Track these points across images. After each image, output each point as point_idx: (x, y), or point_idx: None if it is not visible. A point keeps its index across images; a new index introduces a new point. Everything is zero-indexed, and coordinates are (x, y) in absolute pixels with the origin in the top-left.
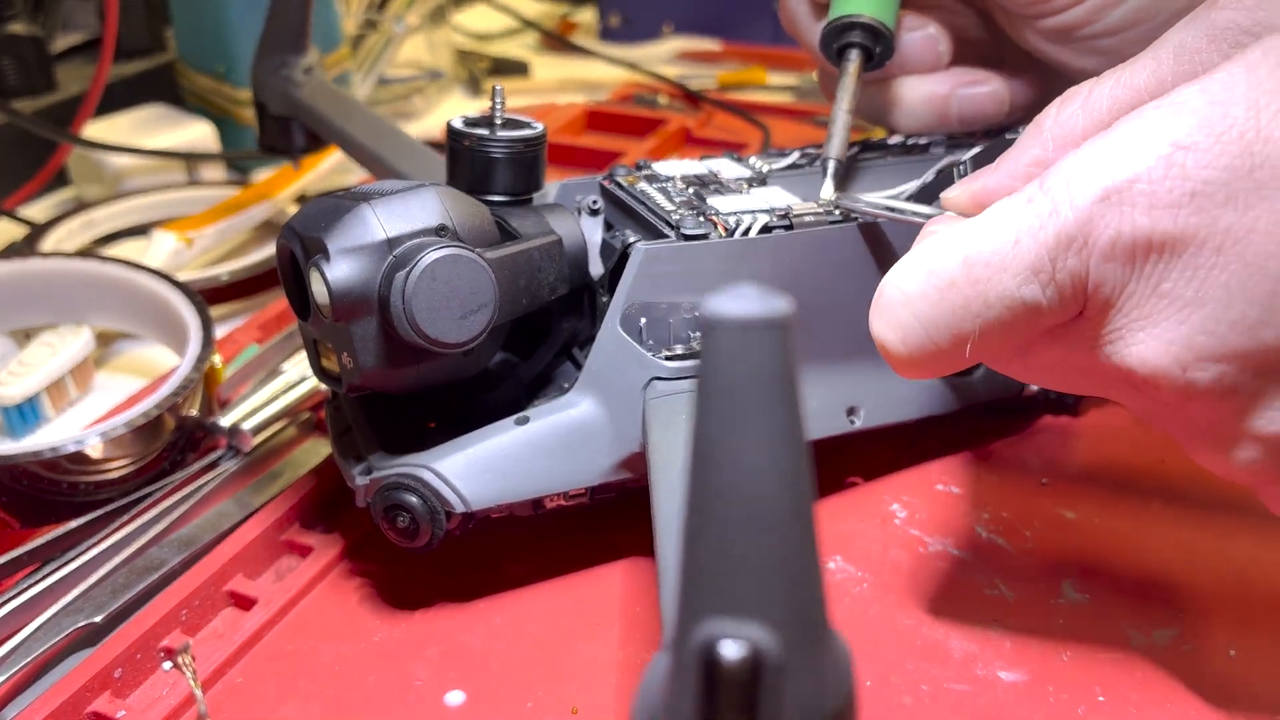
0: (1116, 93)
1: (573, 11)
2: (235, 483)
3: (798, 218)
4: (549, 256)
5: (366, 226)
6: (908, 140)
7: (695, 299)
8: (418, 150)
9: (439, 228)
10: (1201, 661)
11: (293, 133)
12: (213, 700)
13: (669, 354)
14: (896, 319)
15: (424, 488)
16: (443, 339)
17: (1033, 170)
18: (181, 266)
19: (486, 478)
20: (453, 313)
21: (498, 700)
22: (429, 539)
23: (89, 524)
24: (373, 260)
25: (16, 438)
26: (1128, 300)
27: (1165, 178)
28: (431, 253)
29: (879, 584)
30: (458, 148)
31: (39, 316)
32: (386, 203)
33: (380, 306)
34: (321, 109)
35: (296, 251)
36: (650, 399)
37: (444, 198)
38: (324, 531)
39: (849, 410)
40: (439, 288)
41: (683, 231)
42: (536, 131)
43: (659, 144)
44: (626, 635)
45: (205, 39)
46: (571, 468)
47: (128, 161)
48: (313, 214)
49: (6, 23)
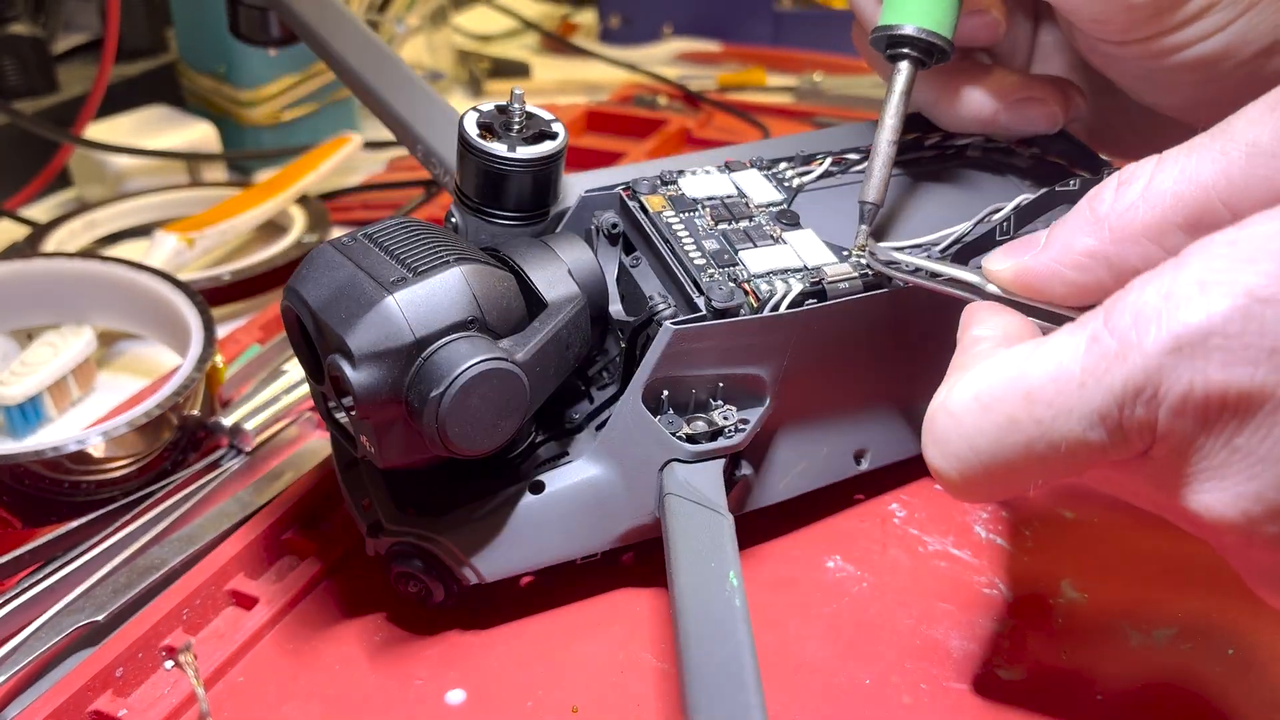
0: (1181, 188)
1: (573, 13)
2: (236, 482)
3: (831, 284)
4: (576, 328)
5: (393, 327)
6: (944, 142)
7: (720, 370)
8: (413, 84)
9: (468, 320)
10: (1201, 661)
11: (269, 23)
12: (214, 699)
13: (689, 432)
14: (953, 452)
15: (436, 561)
16: (473, 449)
17: (1085, 261)
18: (183, 267)
19: (500, 550)
20: (485, 424)
21: (498, 699)
22: (441, 602)
23: (91, 523)
24: (400, 364)
25: (18, 437)
26: (1197, 453)
27: (1243, 333)
28: (466, 371)
29: (879, 584)
30: (469, 157)
31: (41, 316)
32: (412, 294)
33: (408, 411)
34: (304, 11)
35: (307, 324)
36: (669, 492)
37: (471, 282)
38: (325, 531)
39: (857, 454)
40: (473, 403)
41: (714, 305)
42: (555, 147)
43: (659, 145)
44: (626, 635)
45: (206, 40)
46: (585, 535)
47: (129, 162)
48: (326, 289)
49: (8, 23)
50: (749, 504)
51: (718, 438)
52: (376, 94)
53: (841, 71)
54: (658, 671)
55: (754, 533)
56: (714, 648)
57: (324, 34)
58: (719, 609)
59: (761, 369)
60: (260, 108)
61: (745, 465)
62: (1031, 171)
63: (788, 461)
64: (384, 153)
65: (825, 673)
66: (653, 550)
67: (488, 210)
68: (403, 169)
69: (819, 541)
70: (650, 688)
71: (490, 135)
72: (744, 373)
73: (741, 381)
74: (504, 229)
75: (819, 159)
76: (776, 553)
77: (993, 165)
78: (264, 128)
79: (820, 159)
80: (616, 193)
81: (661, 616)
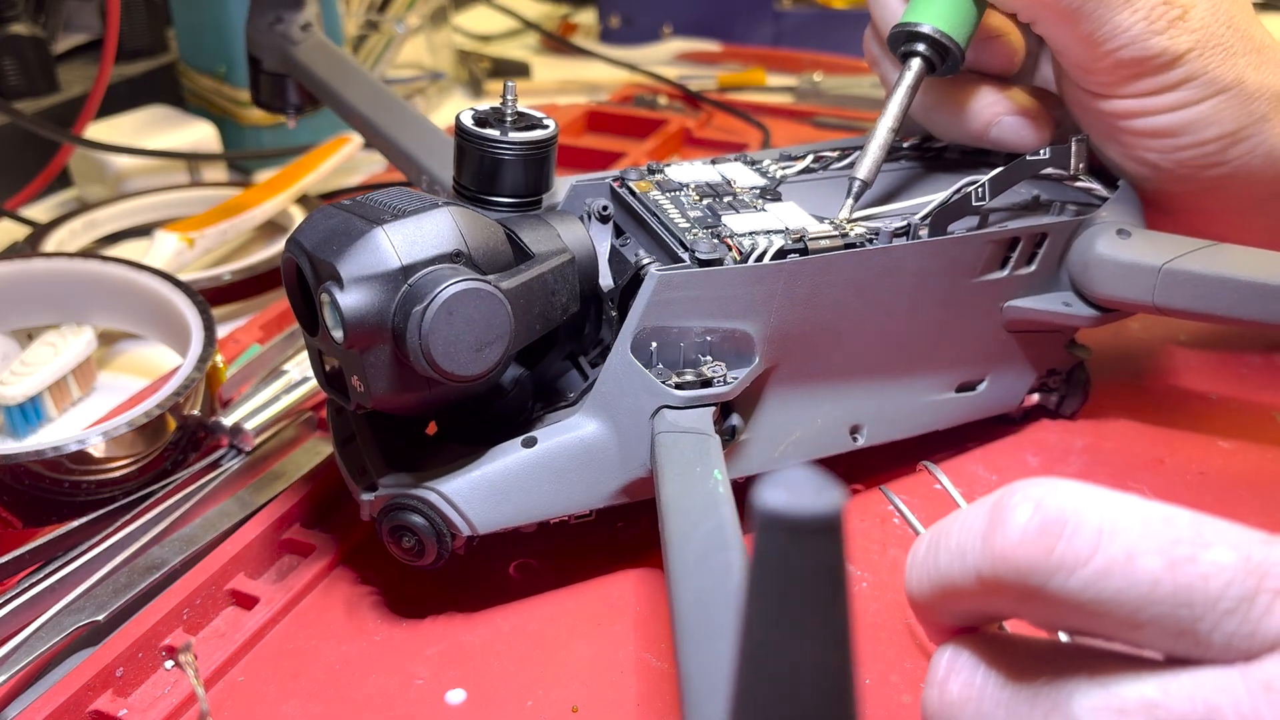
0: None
1: (573, 13)
2: (237, 482)
3: (812, 240)
4: (562, 278)
5: (381, 253)
6: (923, 143)
7: (707, 323)
8: (417, 121)
9: (454, 253)
10: None
11: (287, 90)
12: (214, 699)
13: (679, 381)
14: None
15: (430, 510)
16: (458, 373)
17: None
18: (183, 267)
19: (493, 501)
20: (468, 346)
21: (498, 699)
22: (434, 559)
23: (91, 523)
24: (387, 289)
25: (19, 437)
26: None
27: None
28: (449, 288)
29: (879, 583)
30: (466, 146)
31: (41, 316)
32: (400, 226)
33: (394, 338)
34: (318, 70)
35: (305, 269)
36: (659, 432)
37: (458, 220)
38: (325, 530)
39: (852, 429)
40: (455, 322)
41: (698, 256)
42: (547, 134)
43: (659, 144)
44: (627, 635)
45: (206, 40)
46: (578, 490)
47: (130, 162)
48: (322, 232)
49: (9, 23)
50: (743, 467)
51: (708, 386)
52: (385, 134)
53: (841, 71)
54: (658, 671)
55: None
56: (699, 528)
57: (337, 87)
58: (703, 497)
59: (748, 324)
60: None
61: (736, 417)
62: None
63: (781, 428)
64: None
65: None
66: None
67: (484, 197)
68: None
69: None
70: (650, 688)
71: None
72: (731, 328)
73: (730, 339)
74: (500, 216)
75: (801, 156)
76: None
77: (970, 165)
78: (264, 128)
79: (802, 156)
80: (607, 183)
81: (662, 617)
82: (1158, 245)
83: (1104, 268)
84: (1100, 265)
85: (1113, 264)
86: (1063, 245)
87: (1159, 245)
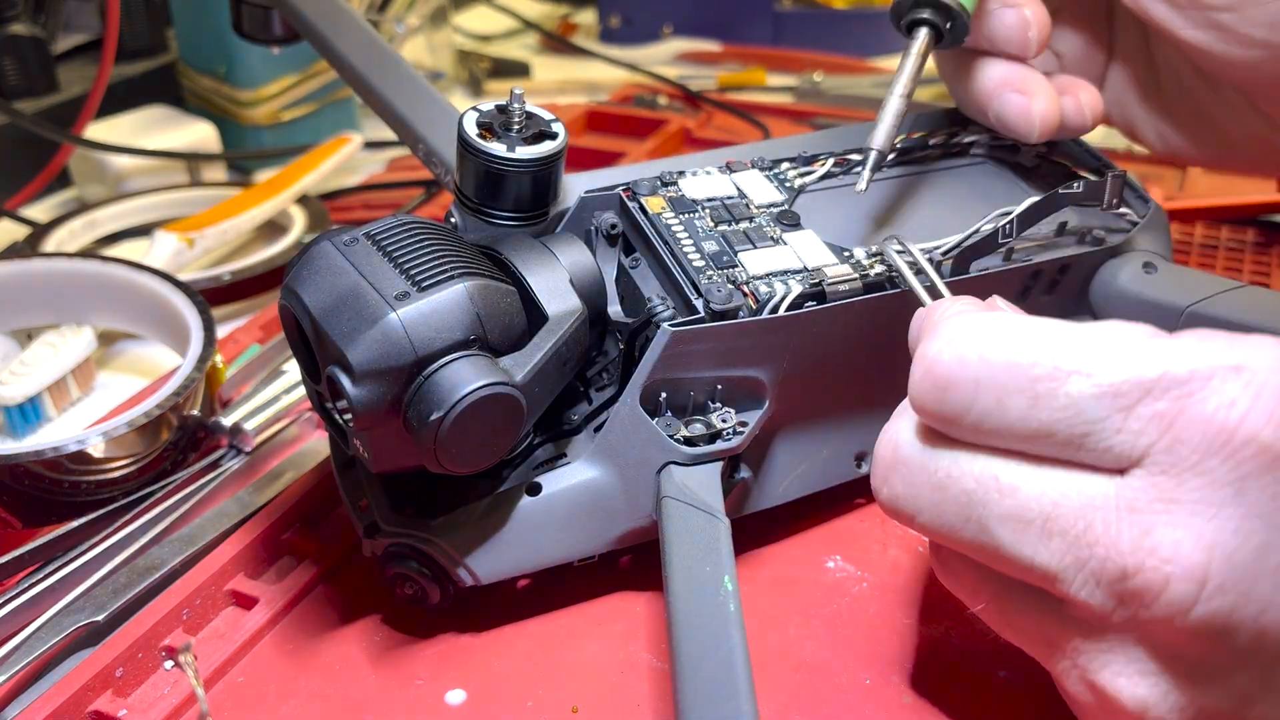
0: None
1: (573, 13)
2: (236, 482)
3: (830, 286)
4: (574, 342)
5: (395, 346)
6: (949, 141)
7: (719, 373)
8: (415, 84)
9: (470, 340)
10: None
11: (272, 21)
12: (214, 699)
13: (687, 436)
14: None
15: (433, 563)
16: (468, 468)
17: None
18: (183, 267)
19: (497, 552)
20: (480, 441)
21: (498, 699)
22: (436, 604)
23: (90, 523)
24: (399, 382)
25: (18, 437)
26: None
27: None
28: (468, 397)
29: (879, 584)
30: (469, 157)
31: (41, 316)
32: (416, 312)
33: (405, 427)
34: (307, 9)
35: (305, 327)
36: (666, 495)
37: (475, 299)
38: (325, 531)
39: (858, 457)
40: (470, 425)
41: (712, 307)
42: (555, 148)
43: (659, 145)
44: (626, 635)
45: (206, 40)
46: (582, 538)
47: (129, 162)
48: (327, 295)
49: (8, 23)
50: (748, 507)
51: (716, 440)
52: (379, 93)
53: (841, 71)
54: (658, 671)
55: (754, 533)
56: (707, 653)
57: (327, 33)
58: (713, 614)
59: (760, 371)
60: (260, 108)
61: (744, 469)
62: (1035, 172)
63: (787, 464)
64: (384, 153)
65: (825, 673)
66: (652, 552)
67: (487, 210)
68: (403, 169)
69: (819, 542)
70: (650, 688)
71: (490, 135)
72: (742, 375)
73: (740, 384)
74: (503, 229)
75: (821, 159)
76: (777, 553)
77: (996, 164)
78: (264, 128)
79: (823, 159)
80: (616, 194)
81: (660, 617)
82: (1184, 284)
83: (1127, 304)
84: (1123, 301)
85: (1136, 302)
86: (1086, 273)
87: (1185, 284)
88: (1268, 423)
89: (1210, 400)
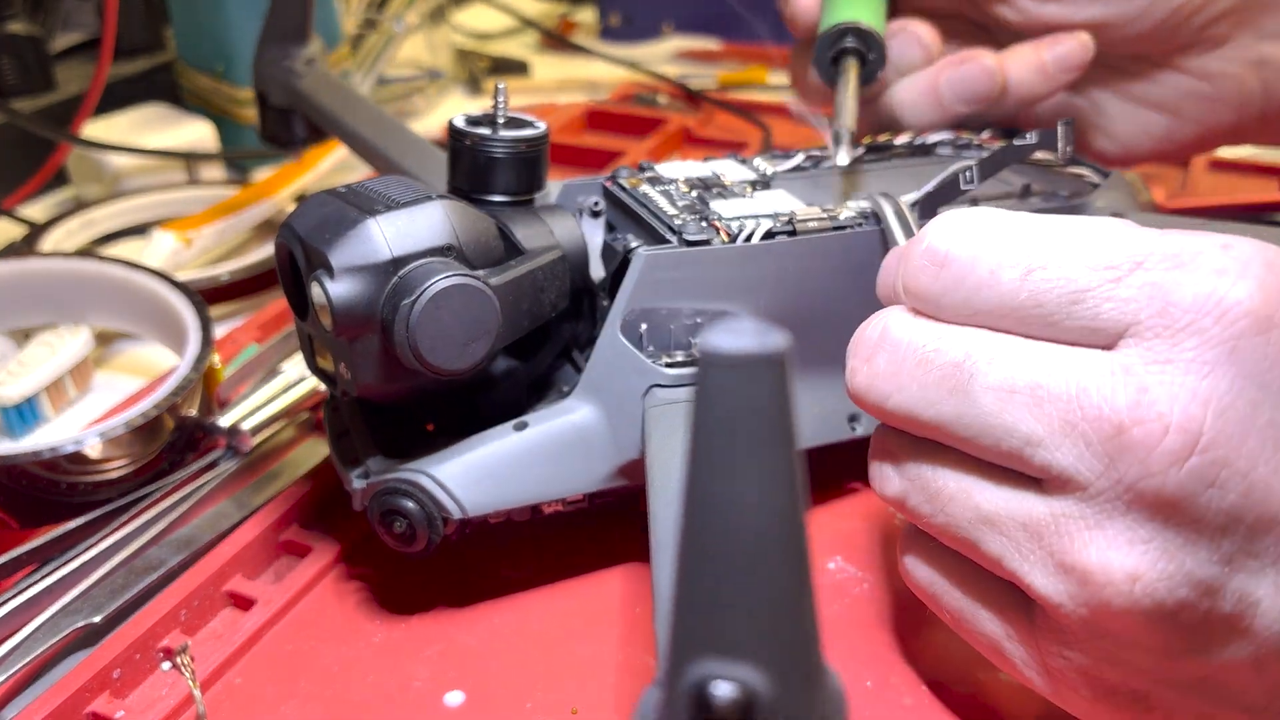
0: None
1: (572, 11)
2: (234, 483)
3: (801, 223)
4: (552, 274)
5: (372, 244)
6: (914, 141)
7: (697, 305)
8: (420, 145)
9: (445, 247)
10: None
11: (293, 124)
12: (211, 701)
13: (669, 360)
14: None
15: (421, 493)
16: (444, 367)
17: None
18: (181, 266)
19: (484, 484)
20: (455, 341)
21: (497, 700)
22: (426, 545)
23: (88, 524)
24: (377, 280)
25: (15, 438)
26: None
27: None
28: (438, 282)
29: (879, 584)
30: (459, 147)
31: (38, 316)
32: (393, 218)
33: (382, 329)
34: (322, 101)
35: (297, 255)
36: (650, 407)
37: (450, 214)
38: (323, 532)
39: (851, 417)
40: (443, 317)
41: (685, 237)
42: (539, 131)
43: (659, 144)
44: (626, 635)
45: (204, 38)
46: (570, 474)
47: (127, 161)
48: (315, 219)
49: (6, 22)
50: None
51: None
52: (388, 157)
53: None
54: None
55: None
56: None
57: (340, 115)
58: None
59: (739, 307)
60: None
61: None
62: None
63: None
64: None
65: None
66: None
67: (477, 196)
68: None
69: (819, 542)
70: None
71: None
72: (720, 310)
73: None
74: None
75: (794, 154)
76: None
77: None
78: None
79: (794, 154)
80: (598, 181)
81: None
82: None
83: None
84: None
85: None
86: None
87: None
88: (1258, 287)
89: (1201, 268)
